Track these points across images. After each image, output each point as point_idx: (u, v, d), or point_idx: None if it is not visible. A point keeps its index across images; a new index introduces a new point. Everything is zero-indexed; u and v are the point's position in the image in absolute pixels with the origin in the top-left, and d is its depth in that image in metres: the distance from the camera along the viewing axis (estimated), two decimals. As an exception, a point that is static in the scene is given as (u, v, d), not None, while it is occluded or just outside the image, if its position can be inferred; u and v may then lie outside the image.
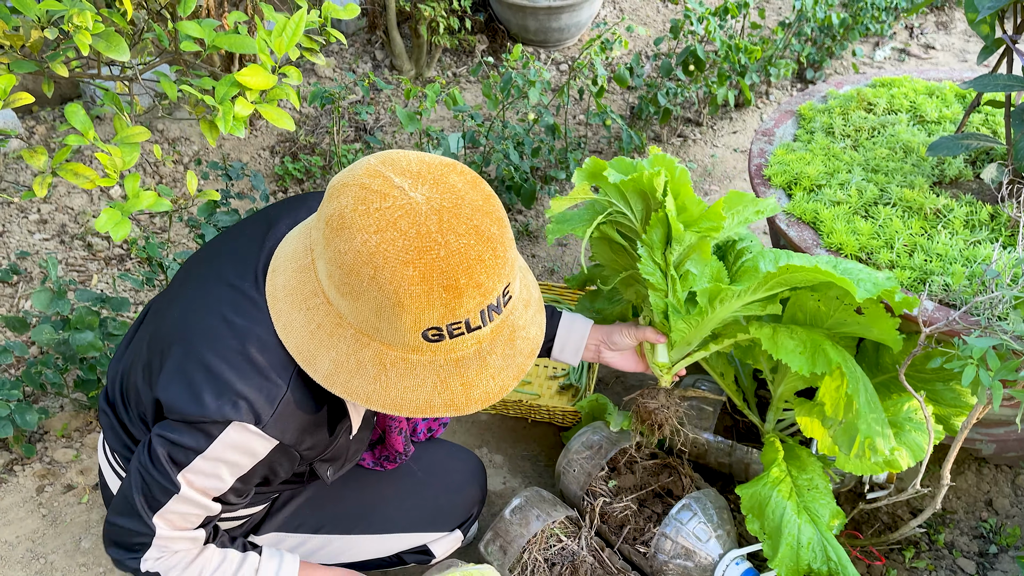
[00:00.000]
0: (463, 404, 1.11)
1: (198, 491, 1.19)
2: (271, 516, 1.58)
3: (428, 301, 1.00)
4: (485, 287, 1.03)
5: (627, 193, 1.49)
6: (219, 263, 1.28)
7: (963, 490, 2.01)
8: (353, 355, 1.09)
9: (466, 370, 1.10)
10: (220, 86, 1.50)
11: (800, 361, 1.45)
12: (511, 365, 1.14)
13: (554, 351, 1.67)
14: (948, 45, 3.99)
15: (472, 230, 1.01)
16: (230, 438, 1.14)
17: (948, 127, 1.95)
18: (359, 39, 3.82)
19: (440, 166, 1.05)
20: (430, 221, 0.99)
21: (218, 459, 1.16)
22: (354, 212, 1.01)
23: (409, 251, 0.98)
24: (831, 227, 1.67)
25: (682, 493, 1.80)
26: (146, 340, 1.28)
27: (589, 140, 3.35)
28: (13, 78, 1.40)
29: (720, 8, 3.08)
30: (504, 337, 1.12)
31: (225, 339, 1.15)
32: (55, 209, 2.83)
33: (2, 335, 2.38)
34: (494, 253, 1.03)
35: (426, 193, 1.01)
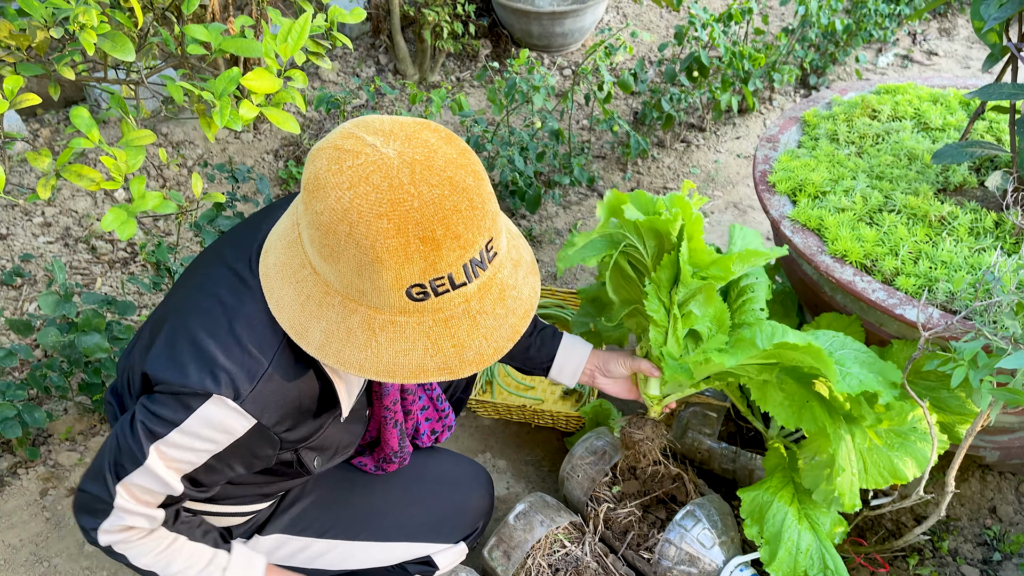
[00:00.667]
0: (456, 366, 1.09)
1: (167, 465, 1.20)
2: (276, 517, 1.58)
3: (406, 254, 0.99)
4: (464, 239, 1.01)
5: (643, 231, 1.52)
6: (222, 249, 1.31)
7: (967, 497, 2.01)
8: (342, 322, 1.08)
9: (456, 330, 1.08)
10: (219, 81, 1.50)
11: (786, 415, 1.49)
12: (503, 326, 1.12)
13: (552, 371, 1.69)
14: (951, 51, 4.00)
15: (445, 181, 1.00)
16: (208, 411, 1.15)
17: (952, 134, 1.95)
18: (363, 43, 3.83)
19: (413, 124, 1.05)
20: (402, 174, 0.98)
21: (194, 434, 1.17)
22: (327, 172, 1.00)
23: (382, 203, 0.97)
24: (836, 234, 1.67)
25: (686, 499, 1.80)
26: (149, 324, 1.32)
27: (592, 145, 3.36)
28: (20, 79, 1.41)
29: (724, 14, 3.08)
30: (493, 295, 1.10)
31: (214, 316, 1.18)
32: (59, 212, 2.83)
33: (6, 338, 2.39)
34: (470, 203, 1.01)
35: (398, 148, 1.00)
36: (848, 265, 1.62)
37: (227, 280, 1.21)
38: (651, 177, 3.22)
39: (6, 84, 1.39)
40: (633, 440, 1.71)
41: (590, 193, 3.13)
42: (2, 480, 2.05)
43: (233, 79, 1.49)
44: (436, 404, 1.66)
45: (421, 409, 1.64)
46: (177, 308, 1.24)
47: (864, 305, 1.64)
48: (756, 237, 1.74)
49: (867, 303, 1.56)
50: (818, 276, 1.75)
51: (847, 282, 1.59)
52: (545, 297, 2.51)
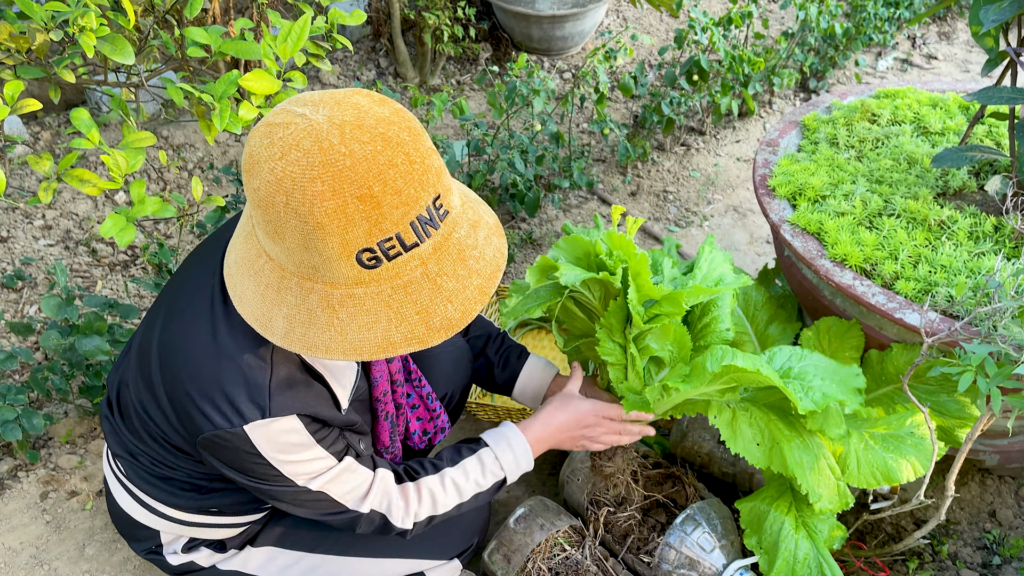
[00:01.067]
0: (423, 335, 1.06)
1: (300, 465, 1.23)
2: (268, 529, 1.57)
3: (346, 216, 0.96)
4: (405, 194, 0.98)
5: (584, 284, 1.48)
6: (195, 263, 1.30)
7: (967, 501, 2.01)
8: (302, 304, 1.06)
9: (418, 295, 1.05)
10: (219, 83, 1.51)
11: (757, 456, 1.48)
12: (468, 287, 1.08)
13: (515, 391, 1.69)
14: (950, 55, 4.00)
15: (378, 137, 0.97)
16: (257, 436, 1.16)
17: (952, 138, 1.95)
18: (363, 46, 3.84)
19: (345, 91, 1.03)
20: (332, 135, 0.96)
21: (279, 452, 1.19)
22: (260, 147, 0.99)
23: (314, 166, 0.95)
24: (836, 238, 1.67)
25: (686, 503, 1.80)
26: (136, 352, 1.31)
27: (592, 148, 3.36)
28: (21, 84, 1.41)
29: (724, 18, 3.09)
30: (452, 256, 1.07)
31: (201, 343, 1.17)
32: (60, 215, 2.84)
33: (6, 340, 2.39)
34: (407, 157, 0.98)
35: (327, 113, 0.98)
36: (848, 269, 1.62)
37: (202, 297, 1.21)
38: (651, 180, 3.22)
39: (7, 89, 1.39)
40: (604, 474, 1.72)
41: (590, 196, 3.14)
42: (2, 483, 2.05)
43: (233, 81, 1.49)
44: (427, 403, 1.64)
45: (412, 408, 1.61)
46: (164, 344, 1.23)
47: (864, 309, 1.64)
48: (724, 262, 1.66)
49: (867, 307, 1.57)
50: (818, 280, 1.75)
51: (847, 286, 1.59)
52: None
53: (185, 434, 1.22)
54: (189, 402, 1.16)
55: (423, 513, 1.41)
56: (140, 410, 1.29)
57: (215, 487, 1.38)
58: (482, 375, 1.73)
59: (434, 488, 1.41)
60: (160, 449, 1.32)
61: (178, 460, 1.33)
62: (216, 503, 1.42)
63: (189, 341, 1.18)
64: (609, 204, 3.10)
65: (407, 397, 1.59)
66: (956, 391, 1.56)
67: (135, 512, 1.47)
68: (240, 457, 1.18)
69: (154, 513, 1.44)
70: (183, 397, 1.17)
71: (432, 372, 1.65)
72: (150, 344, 1.25)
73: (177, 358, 1.18)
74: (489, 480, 1.46)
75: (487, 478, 1.46)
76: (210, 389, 1.14)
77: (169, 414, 1.22)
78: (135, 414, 1.31)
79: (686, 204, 3.12)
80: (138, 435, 1.34)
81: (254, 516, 1.51)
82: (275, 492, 1.26)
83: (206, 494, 1.40)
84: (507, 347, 1.70)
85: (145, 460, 1.37)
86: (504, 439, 1.48)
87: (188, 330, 1.19)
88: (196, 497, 1.40)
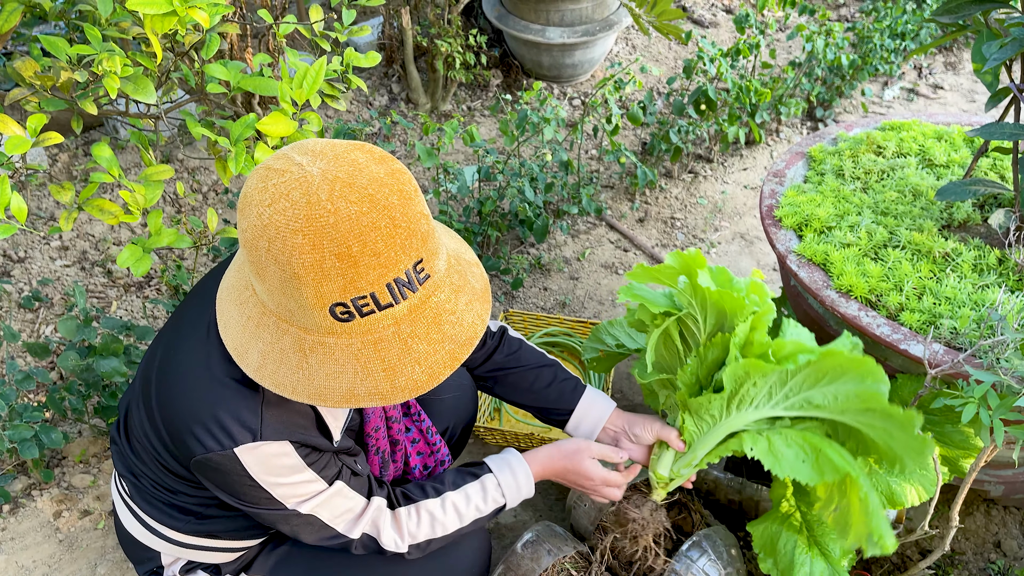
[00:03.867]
0: (387, 392, 1.07)
1: (290, 487, 1.24)
2: (263, 557, 1.57)
3: (323, 271, 0.98)
4: (384, 257, 1.00)
5: (711, 303, 1.48)
6: (197, 294, 1.33)
7: (972, 531, 2.02)
8: (276, 343, 1.08)
9: (386, 354, 1.06)
10: (236, 127, 1.55)
11: (807, 473, 1.43)
12: (439, 351, 1.09)
13: (569, 425, 1.66)
14: (956, 85, 4.04)
15: (366, 198, 0.98)
16: (248, 459, 1.18)
17: (956, 171, 1.98)
18: (376, 72, 3.90)
19: (347, 145, 1.04)
20: (321, 190, 0.97)
21: (269, 475, 1.20)
22: (254, 190, 1.01)
23: (298, 219, 0.97)
24: (841, 269, 1.69)
25: (692, 530, 1.81)
26: (140, 378, 1.34)
27: (601, 175, 3.40)
28: (44, 117, 1.46)
29: (732, 49, 3.13)
30: (427, 319, 1.08)
31: (196, 368, 1.20)
32: (76, 236, 2.88)
33: (23, 360, 2.42)
34: (392, 222, 1.00)
35: (323, 167, 0.99)
36: (853, 300, 1.65)
37: (199, 326, 1.24)
38: (659, 207, 3.26)
39: (30, 122, 1.44)
40: (628, 517, 1.65)
41: (598, 222, 3.17)
42: (16, 502, 2.08)
43: (250, 124, 1.54)
44: (427, 437, 1.64)
45: (411, 442, 1.62)
46: (162, 370, 1.25)
47: (869, 340, 1.66)
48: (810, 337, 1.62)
49: (872, 338, 1.59)
50: (823, 310, 1.77)
51: (852, 317, 1.61)
52: (553, 325, 2.54)
53: (180, 457, 1.24)
54: (183, 426, 1.18)
55: (421, 536, 1.41)
56: (141, 434, 1.32)
57: (211, 513, 1.41)
58: (534, 406, 1.69)
59: (434, 511, 1.42)
60: (160, 472, 1.35)
61: (177, 483, 1.35)
62: (213, 528, 1.44)
63: (185, 367, 1.21)
64: (617, 230, 3.14)
65: (406, 432, 1.60)
66: (960, 422, 1.58)
67: (137, 532, 1.49)
68: (231, 480, 1.20)
69: (154, 534, 1.46)
70: (177, 421, 1.19)
71: (432, 408, 1.67)
72: (151, 370, 1.28)
73: (173, 384, 1.21)
74: (490, 506, 1.47)
75: (488, 504, 1.47)
76: (202, 413, 1.16)
77: (165, 438, 1.25)
78: (137, 438, 1.35)
79: (693, 231, 3.15)
80: (140, 458, 1.37)
81: (251, 542, 1.53)
82: (267, 515, 1.28)
83: (203, 520, 1.42)
84: (562, 379, 1.67)
85: (147, 482, 1.40)
86: (507, 466, 1.49)
87: (185, 357, 1.22)
88: (194, 521, 1.42)
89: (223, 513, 1.41)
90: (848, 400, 1.42)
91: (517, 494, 1.50)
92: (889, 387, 1.36)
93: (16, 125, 1.42)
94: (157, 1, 1.35)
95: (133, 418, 1.36)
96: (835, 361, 1.38)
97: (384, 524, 1.38)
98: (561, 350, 2.53)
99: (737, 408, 1.49)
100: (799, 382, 1.44)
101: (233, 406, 1.16)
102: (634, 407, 2.41)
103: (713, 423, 1.53)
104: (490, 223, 2.78)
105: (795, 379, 1.44)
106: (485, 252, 2.90)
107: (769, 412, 1.48)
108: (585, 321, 2.50)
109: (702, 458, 1.57)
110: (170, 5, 1.35)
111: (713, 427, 1.53)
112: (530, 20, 3.65)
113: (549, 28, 3.63)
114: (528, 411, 1.71)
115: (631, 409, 2.41)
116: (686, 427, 1.55)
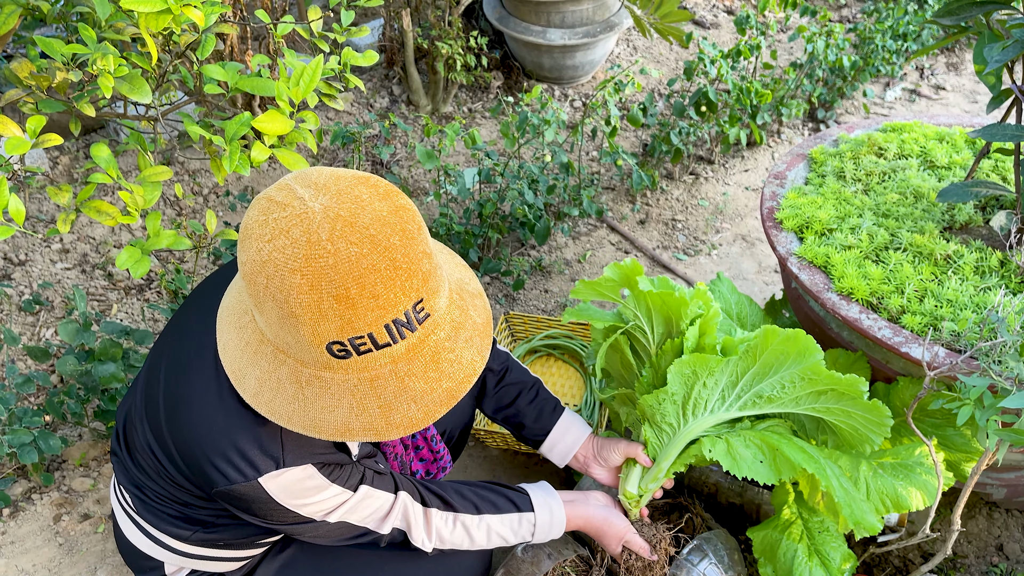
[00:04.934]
0: (382, 428, 1.08)
1: (317, 505, 1.24)
2: (266, 563, 1.57)
3: (320, 311, 0.97)
4: (383, 299, 0.99)
5: (654, 309, 1.49)
6: (195, 310, 1.32)
7: (974, 534, 2.01)
8: (273, 372, 1.08)
9: (383, 391, 1.06)
10: (230, 126, 1.54)
11: (764, 473, 1.46)
12: (436, 390, 1.09)
13: (543, 447, 1.69)
14: (958, 86, 4.03)
15: (367, 239, 0.97)
16: (271, 486, 1.18)
17: (958, 172, 1.97)
18: (377, 74, 3.89)
19: (351, 179, 1.02)
20: (322, 229, 0.96)
21: (294, 498, 1.21)
22: (255, 223, 1.00)
23: (297, 258, 0.96)
24: (842, 271, 1.69)
25: (693, 533, 1.80)
26: (142, 397, 1.31)
27: (602, 177, 3.40)
28: (43, 119, 1.45)
29: (732, 50, 3.13)
30: (424, 358, 1.08)
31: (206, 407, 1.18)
32: (77, 239, 2.88)
33: (23, 363, 2.42)
34: (392, 263, 0.99)
35: (325, 203, 0.98)
36: (854, 302, 1.64)
37: (205, 352, 1.22)
38: (659, 209, 3.25)
39: (29, 123, 1.43)
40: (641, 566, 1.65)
41: (599, 224, 3.17)
42: (16, 505, 2.08)
43: (245, 123, 1.53)
44: (431, 445, 1.65)
45: (416, 448, 1.63)
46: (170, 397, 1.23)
47: (870, 342, 1.66)
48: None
49: (873, 340, 1.58)
50: (824, 313, 1.77)
51: (853, 319, 1.61)
52: (553, 327, 2.53)
53: (200, 484, 1.23)
54: (203, 458, 1.17)
55: (449, 543, 1.44)
56: (149, 452, 1.30)
57: (221, 523, 1.40)
58: (512, 423, 1.70)
59: (469, 527, 1.45)
60: (168, 486, 1.33)
61: (186, 496, 1.34)
62: (221, 537, 1.43)
63: (196, 398, 1.19)
64: (618, 232, 3.13)
65: (412, 438, 1.61)
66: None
67: (140, 543, 1.48)
68: (256, 506, 1.20)
69: (158, 544, 1.45)
70: (196, 453, 1.18)
71: None
72: (156, 393, 1.25)
73: (185, 414, 1.19)
74: (517, 538, 1.52)
75: (516, 537, 1.51)
76: (222, 445, 1.15)
77: (181, 466, 1.23)
78: (144, 455, 1.32)
79: (694, 233, 3.15)
80: (146, 473, 1.35)
81: (256, 551, 1.53)
82: (294, 529, 1.28)
83: (211, 529, 1.42)
84: (541, 399, 1.68)
85: (152, 495, 1.38)
86: (548, 509, 1.53)
87: (194, 387, 1.20)
88: (201, 531, 1.42)
89: (234, 522, 1.40)
90: (795, 385, 1.45)
91: (544, 536, 1.54)
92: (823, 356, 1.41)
93: (15, 126, 1.41)
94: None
95: (136, 432, 1.34)
96: (771, 339, 1.41)
97: (416, 521, 1.39)
98: (562, 352, 2.52)
99: (693, 414, 1.51)
100: (748, 379, 1.47)
101: (253, 435, 1.16)
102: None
103: (673, 432, 1.54)
104: (491, 225, 2.78)
105: (744, 376, 1.46)
106: (486, 254, 2.90)
107: (725, 415, 1.50)
108: (585, 323, 2.49)
109: (667, 469, 1.59)
110: (164, 3, 1.34)
111: (673, 437, 1.54)
112: (531, 22, 3.65)
113: (550, 30, 3.62)
114: (505, 426, 1.72)
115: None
116: (648, 440, 1.57)
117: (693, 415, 1.50)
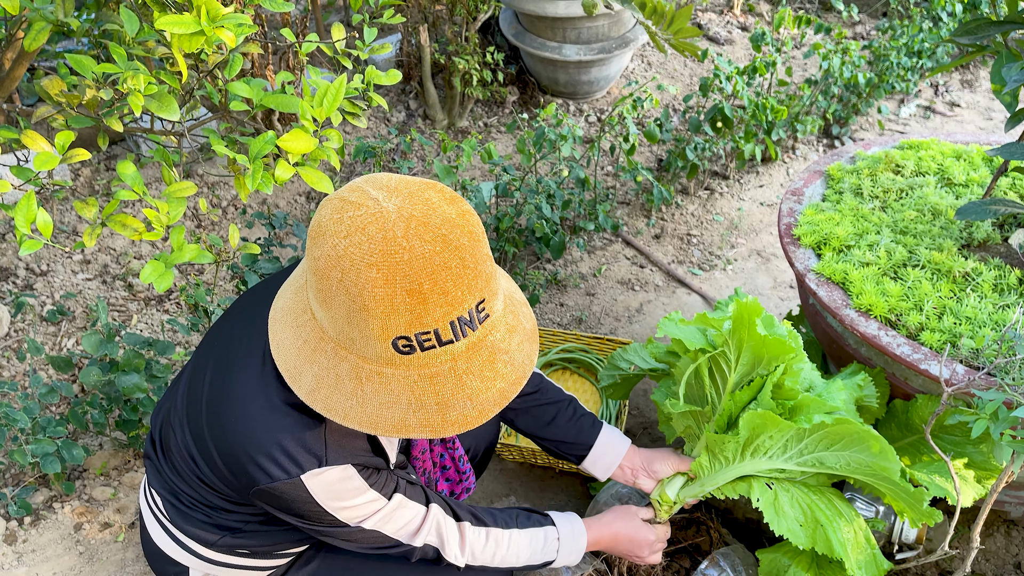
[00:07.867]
0: (439, 425, 1.10)
1: (354, 509, 1.26)
2: (292, 574, 1.57)
3: (392, 305, 1.01)
4: (452, 296, 1.03)
5: (748, 346, 1.51)
6: (243, 315, 1.34)
7: (992, 552, 2.00)
8: (332, 369, 1.11)
9: (441, 388, 1.09)
10: (254, 144, 1.56)
11: (801, 537, 1.49)
12: (491, 389, 1.12)
13: (586, 462, 1.68)
14: (973, 103, 4.03)
15: (439, 238, 1.02)
16: (314, 484, 1.19)
17: (976, 190, 1.98)
18: (394, 89, 3.93)
19: (420, 183, 1.08)
20: (397, 227, 1.01)
21: (333, 499, 1.23)
22: (329, 220, 1.04)
23: (374, 254, 1.00)
24: (860, 288, 1.69)
25: (710, 548, 1.81)
26: (184, 400, 1.34)
27: (617, 191, 3.41)
28: (72, 135, 1.48)
29: (748, 67, 3.14)
30: (482, 357, 1.11)
31: (250, 408, 1.20)
32: (98, 250, 2.92)
33: (44, 373, 2.45)
34: (462, 262, 1.03)
35: (398, 203, 1.03)
36: (873, 319, 1.65)
37: (252, 355, 1.24)
38: (675, 224, 3.26)
39: (58, 139, 1.46)
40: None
41: (614, 239, 3.18)
42: (37, 514, 2.10)
43: (269, 141, 1.55)
44: (457, 465, 1.66)
45: (442, 468, 1.65)
46: (214, 401, 1.25)
47: (889, 359, 1.66)
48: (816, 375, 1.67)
49: (892, 357, 1.59)
50: (842, 329, 1.77)
51: (872, 336, 1.61)
52: (569, 341, 2.54)
53: (239, 485, 1.24)
54: (245, 457, 1.19)
55: (480, 559, 1.45)
56: (187, 456, 1.32)
57: (249, 529, 1.42)
58: (552, 441, 1.70)
59: (500, 541, 1.46)
60: (203, 490, 1.35)
61: (220, 501, 1.36)
62: (246, 544, 1.45)
63: (241, 398, 1.21)
64: (633, 247, 3.14)
65: (440, 457, 1.63)
66: (981, 442, 1.58)
67: (167, 547, 1.50)
68: (295, 506, 1.22)
69: (185, 549, 1.47)
70: (238, 452, 1.20)
71: None
72: (199, 396, 1.28)
73: (229, 414, 1.21)
74: (543, 557, 1.53)
75: (541, 554, 1.52)
76: (266, 443, 1.17)
77: (220, 467, 1.25)
78: (181, 458, 1.34)
79: (709, 248, 3.16)
80: (181, 477, 1.37)
81: (281, 561, 1.54)
82: (328, 532, 1.30)
83: (238, 535, 1.43)
84: (579, 415, 1.69)
85: (186, 500, 1.40)
86: (571, 531, 1.55)
87: (241, 388, 1.22)
88: (228, 536, 1.43)
89: (263, 528, 1.42)
90: (860, 466, 1.49)
91: (567, 557, 1.55)
92: (899, 466, 1.44)
93: (44, 141, 1.44)
94: (185, 21, 1.38)
95: (173, 436, 1.35)
96: (847, 430, 1.45)
97: (450, 537, 1.40)
98: (577, 366, 2.53)
99: (752, 455, 1.54)
100: (814, 441, 1.50)
101: (297, 433, 1.18)
102: (651, 423, 2.41)
103: (727, 464, 1.57)
104: (507, 239, 2.80)
105: (810, 438, 1.49)
106: (502, 268, 2.92)
107: (782, 464, 1.53)
108: (601, 337, 2.50)
109: (709, 491, 1.61)
110: (198, 25, 1.37)
111: (726, 467, 1.57)
112: (547, 38, 3.68)
113: (565, 45, 3.65)
114: (542, 444, 1.72)
115: (647, 426, 2.41)
116: (700, 461, 1.59)
117: (752, 456, 1.53)
